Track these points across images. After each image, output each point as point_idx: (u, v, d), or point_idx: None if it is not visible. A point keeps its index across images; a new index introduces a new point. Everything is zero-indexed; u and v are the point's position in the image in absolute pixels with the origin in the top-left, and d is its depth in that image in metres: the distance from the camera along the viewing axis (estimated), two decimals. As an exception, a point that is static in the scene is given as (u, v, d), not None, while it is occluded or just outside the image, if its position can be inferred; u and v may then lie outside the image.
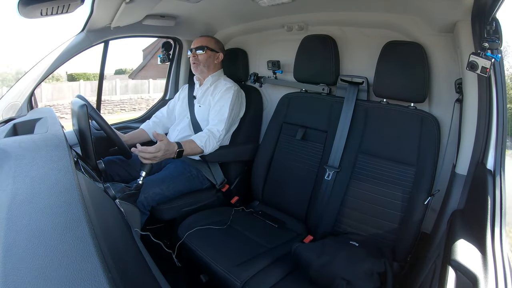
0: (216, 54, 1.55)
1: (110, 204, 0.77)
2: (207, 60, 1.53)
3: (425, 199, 1.06)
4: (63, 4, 1.06)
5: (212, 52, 1.54)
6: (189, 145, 1.31)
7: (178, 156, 1.25)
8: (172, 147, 1.22)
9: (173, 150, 1.23)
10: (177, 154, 1.24)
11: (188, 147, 1.30)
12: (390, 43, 1.20)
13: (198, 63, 1.52)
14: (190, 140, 1.34)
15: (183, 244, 1.16)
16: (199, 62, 1.52)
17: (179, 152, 1.25)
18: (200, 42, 1.53)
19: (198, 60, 1.52)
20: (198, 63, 1.52)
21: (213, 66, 1.56)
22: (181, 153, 1.25)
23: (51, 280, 0.33)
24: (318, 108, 1.40)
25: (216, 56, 1.56)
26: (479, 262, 0.68)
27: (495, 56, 0.80)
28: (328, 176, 1.25)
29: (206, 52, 1.51)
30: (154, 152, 1.14)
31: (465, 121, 1.01)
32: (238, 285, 0.95)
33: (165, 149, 1.18)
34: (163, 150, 1.17)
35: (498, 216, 0.76)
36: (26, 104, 1.37)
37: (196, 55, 1.52)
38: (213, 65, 1.56)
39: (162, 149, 1.16)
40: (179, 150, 1.24)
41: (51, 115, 1.03)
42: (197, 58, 1.52)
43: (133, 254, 0.59)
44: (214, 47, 1.54)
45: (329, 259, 0.96)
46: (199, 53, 1.51)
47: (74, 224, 0.42)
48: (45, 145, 0.67)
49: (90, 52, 1.53)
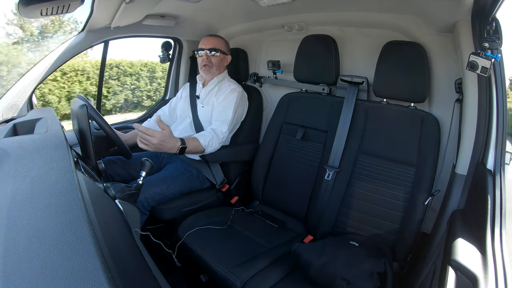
0: (226, 56, 1.54)
1: (110, 204, 0.77)
2: (219, 63, 1.51)
3: (425, 199, 1.06)
4: (63, 4, 1.06)
5: (224, 55, 1.52)
6: (192, 143, 1.29)
7: (180, 153, 1.24)
8: (173, 142, 1.20)
9: (175, 146, 1.21)
10: (180, 151, 1.23)
11: (191, 145, 1.28)
12: (390, 43, 1.20)
13: (211, 66, 1.49)
14: (194, 137, 1.32)
15: (183, 244, 1.16)
16: (211, 65, 1.49)
17: (182, 149, 1.23)
18: (213, 44, 1.49)
19: (211, 63, 1.48)
20: (211, 66, 1.49)
21: (223, 68, 1.56)
22: (183, 150, 1.24)
23: (51, 280, 0.33)
24: (318, 108, 1.40)
25: (226, 59, 1.55)
26: (479, 262, 0.68)
27: (495, 56, 0.80)
28: (328, 176, 1.25)
29: (219, 55, 1.49)
30: (151, 136, 1.12)
31: (465, 121, 1.01)
32: (238, 285, 0.95)
33: (163, 140, 1.15)
34: (160, 140, 1.14)
35: (498, 216, 0.75)
36: (26, 104, 1.37)
37: (209, 57, 1.48)
38: (223, 67, 1.56)
39: (159, 137, 1.14)
40: (182, 147, 1.23)
41: (51, 115, 1.03)
42: (210, 60, 1.48)
43: (133, 254, 0.59)
44: (225, 49, 1.53)
45: (329, 259, 0.96)
46: (212, 55, 1.48)
47: (74, 224, 0.42)
48: (45, 145, 0.67)
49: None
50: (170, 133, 1.19)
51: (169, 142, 1.19)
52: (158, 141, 1.15)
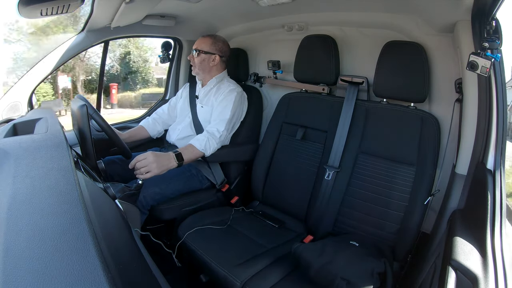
0: (211, 56, 1.51)
1: (110, 204, 0.76)
2: (201, 63, 1.51)
3: (425, 199, 1.06)
4: (63, 4, 1.06)
5: (206, 54, 1.50)
6: (187, 149, 1.30)
7: (179, 159, 1.24)
8: (164, 155, 1.21)
9: (169, 155, 1.21)
10: (177, 158, 1.23)
11: (187, 151, 1.29)
12: (390, 43, 1.20)
13: (194, 66, 1.53)
14: (188, 144, 1.33)
15: (183, 244, 1.16)
16: (194, 65, 1.52)
17: (178, 156, 1.23)
18: (196, 44, 1.52)
19: (194, 63, 1.52)
20: (194, 66, 1.53)
21: (209, 68, 1.53)
22: (179, 156, 1.24)
23: (51, 280, 0.33)
24: (318, 108, 1.40)
25: (212, 58, 1.52)
26: (479, 262, 0.68)
27: (495, 56, 0.80)
28: (328, 176, 1.25)
29: (199, 55, 1.50)
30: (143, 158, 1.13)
31: (465, 121, 1.01)
32: (238, 285, 0.95)
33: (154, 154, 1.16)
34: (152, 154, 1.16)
35: (498, 216, 0.75)
36: (26, 104, 1.37)
37: (192, 57, 1.52)
38: (209, 67, 1.53)
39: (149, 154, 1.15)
40: (176, 154, 1.23)
41: (51, 115, 1.03)
42: (193, 61, 1.52)
43: (133, 254, 0.59)
44: (209, 49, 1.50)
45: (329, 259, 0.96)
46: (194, 56, 1.51)
47: (74, 224, 0.42)
48: (45, 145, 0.67)
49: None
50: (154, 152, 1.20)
51: (161, 155, 1.20)
52: (153, 156, 1.16)
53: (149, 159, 1.14)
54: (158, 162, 1.16)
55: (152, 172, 1.14)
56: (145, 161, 1.14)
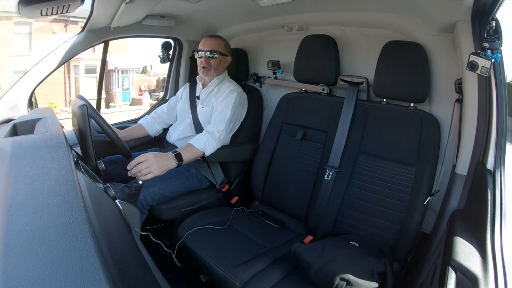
0: (225, 58, 1.54)
1: (110, 204, 0.77)
2: (218, 65, 1.51)
3: (425, 199, 1.06)
4: (63, 4, 1.07)
5: (223, 56, 1.52)
6: (187, 149, 1.28)
7: (178, 159, 1.23)
8: (163, 155, 1.19)
9: (169, 155, 1.20)
10: (176, 158, 1.22)
11: (187, 151, 1.27)
12: (390, 43, 1.20)
13: (209, 68, 1.49)
14: (188, 144, 1.32)
15: (183, 244, 1.16)
16: (210, 67, 1.49)
17: (177, 155, 1.22)
18: (212, 46, 1.48)
19: (209, 65, 1.48)
20: (209, 68, 1.49)
21: (222, 70, 1.55)
22: (179, 156, 1.23)
23: (51, 280, 0.33)
24: (318, 108, 1.40)
25: (226, 60, 1.54)
26: (479, 262, 0.68)
27: (495, 56, 0.79)
28: (328, 176, 1.25)
29: (218, 57, 1.49)
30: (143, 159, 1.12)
31: (465, 121, 1.01)
32: (238, 285, 0.95)
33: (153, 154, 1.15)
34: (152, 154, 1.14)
35: (498, 216, 0.75)
36: (26, 104, 1.37)
37: (208, 59, 1.48)
38: (222, 69, 1.55)
39: (148, 154, 1.14)
40: (176, 154, 1.22)
41: (51, 115, 1.03)
42: (208, 63, 1.48)
43: (133, 254, 0.59)
44: (224, 50, 1.52)
45: (329, 259, 0.96)
46: (210, 58, 1.48)
47: (74, 224, 0.42)
48: (45, 145, 0.67)
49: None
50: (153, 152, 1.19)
51: (161, 155, 1.18)
52: (153, 157, 1.14)
53: (150, 161, 1.14)
54: (158, 163, 1.16)
55: (152, 173, 1.14)
56: (146, 162, 1.13)
